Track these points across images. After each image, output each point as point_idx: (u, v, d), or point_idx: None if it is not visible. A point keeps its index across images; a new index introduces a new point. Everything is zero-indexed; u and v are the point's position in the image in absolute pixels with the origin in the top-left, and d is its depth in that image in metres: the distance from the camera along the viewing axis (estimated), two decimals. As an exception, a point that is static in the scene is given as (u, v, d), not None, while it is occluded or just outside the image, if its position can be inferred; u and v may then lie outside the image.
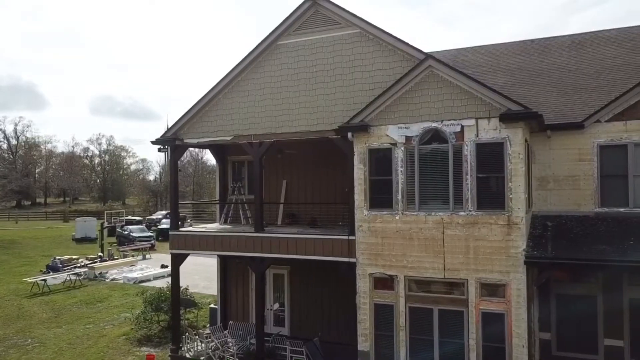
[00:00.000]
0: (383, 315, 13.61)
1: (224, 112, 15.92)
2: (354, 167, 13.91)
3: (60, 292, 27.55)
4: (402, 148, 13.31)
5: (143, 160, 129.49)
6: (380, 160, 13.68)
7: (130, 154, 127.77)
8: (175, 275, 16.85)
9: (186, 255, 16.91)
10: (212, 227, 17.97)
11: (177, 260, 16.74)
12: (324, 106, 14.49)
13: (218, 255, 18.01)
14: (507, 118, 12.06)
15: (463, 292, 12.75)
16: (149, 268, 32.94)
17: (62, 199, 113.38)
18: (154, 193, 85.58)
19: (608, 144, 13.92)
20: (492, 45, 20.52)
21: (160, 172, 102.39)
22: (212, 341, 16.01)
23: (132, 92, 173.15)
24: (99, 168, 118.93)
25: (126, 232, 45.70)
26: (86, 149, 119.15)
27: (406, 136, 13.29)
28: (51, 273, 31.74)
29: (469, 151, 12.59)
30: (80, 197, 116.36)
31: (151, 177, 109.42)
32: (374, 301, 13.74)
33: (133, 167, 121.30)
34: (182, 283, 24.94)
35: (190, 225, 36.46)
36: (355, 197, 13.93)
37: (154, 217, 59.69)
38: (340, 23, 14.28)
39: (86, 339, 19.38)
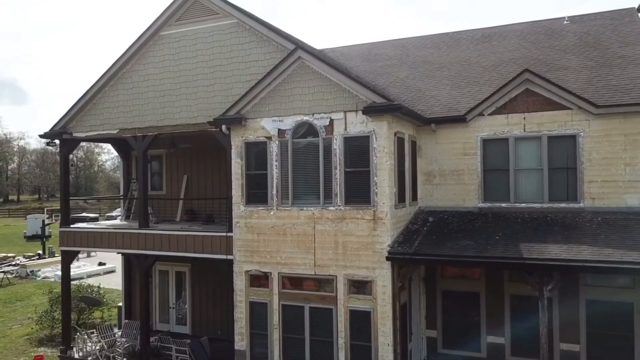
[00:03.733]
0: (258, 313, 13.26)
1: (110, 105, 15.42)
2: (232, 161, 13.52)
3: (-16, 291, 26.86)
4: (277, 142, 12.93)
5: (118, 157, 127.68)
6: (257, 154, 13.29)
7: (105, 150, 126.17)
8: (65, 273, 16.30)
9: (75, 253, 16.40)
10: (106, 223, 17.48)
11: (67, 257, 16.20)
12: (203, 98, 14.07)
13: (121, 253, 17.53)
14: (370, 111, 11.73)
15: (333, 289, 12.43)
16: (86, 266, 32.30)
17: (37, 195, 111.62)
18: (120, 189, 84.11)
19: (491, 138, 13.69)
20: (407, 38, 20.23)
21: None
22: (99, 341, 15.52)
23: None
24: (71, 165, 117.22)
25: (77, 230, 44.74)
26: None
27: (279, 129, 12.91)
28: (-17, 271, 30.95)
29: (337, 145, 12.26)
30: (56, 194, 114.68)
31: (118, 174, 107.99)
32: (249, 299, 13.38)
33: (109, 163, 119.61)
34: (117, 281, 24.39)
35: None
36: (233, 192, 13.54)
37: (114, 213, 58.63)
38: (219, 13, 13.84)
39: (-14, 339, 18.79)
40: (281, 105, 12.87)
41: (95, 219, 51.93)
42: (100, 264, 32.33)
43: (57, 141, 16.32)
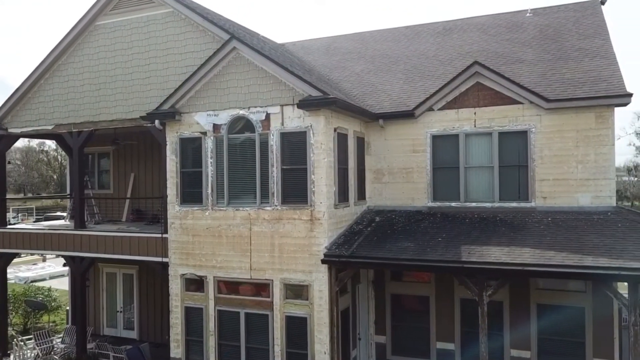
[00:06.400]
0: (194, 319, 12.55)
1: (46, 100, 14.60)
2: (167, 158, 12.78)
3: (-61, 294, 25.81)
4: (212, 137, 12.21)
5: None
6: (193, 150, 12.56)
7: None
8: (1, 277, 15.48)
9: (13, 255, 15.60)
10: (44, 224, 16.68)
11: (2, 261, 15.37)
12: (139, 92, 13.30)
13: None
14: (305, 104, 11.04)
15: (269, 294, 11.73)
16: (50, 267, 31.39)
17: (22, 194, 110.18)
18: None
19: (441, 134, 13.06)
20: (369, 31, 19.53)
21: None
22: (35, 348, 14.73)
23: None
24: (56, 163, 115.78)
25: (49, 229, 43.63)
26: (42, 143, 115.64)
27: (215, 124, 12.19)
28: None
29: (274, 141, 11.55)
30: (42, 192, 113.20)
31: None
32: (185, 304, 12.65)
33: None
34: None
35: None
36: (168, 191, 12.80)
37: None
38: (154, 1, 13.08)
39: None
40: (216, 98, 12.15)
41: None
42: (65, 264, 31.37)
43: (-8, 137, 15.46)
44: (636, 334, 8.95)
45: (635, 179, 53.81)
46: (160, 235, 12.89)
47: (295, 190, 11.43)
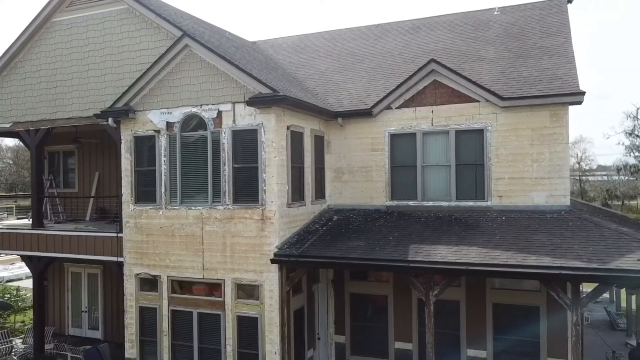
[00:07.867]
0: (148, 319, 12.42)
1: (3, 97, 14.44)
2: (122, 156, 12.64)
3: None
4: (165, 136, 12.07)
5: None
6: (147, 149, 12.43)
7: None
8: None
9: (-28, 255, 15.42)
10: (3, 223, 16.50)
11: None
12: (95, 89, 13.16)
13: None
14: (255, 102, 10.92)
15: (221, 294, 11.61)
16: (28, 266, 31.13)
17: (13, 193, 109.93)
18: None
19: (399, 133, 12.96)
20: (339, 29, 19.42)
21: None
22: (-7, 349, 14.59)
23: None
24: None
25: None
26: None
27: (167, 122, 12.05)
28: None
29: (226, 139, 11.43)
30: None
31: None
32: (139, 304, 12.52)
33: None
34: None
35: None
36: (123, 190, 12.66)
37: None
38: (109, -2, 12.93)
39: None
40: (169, 96, 12.02)
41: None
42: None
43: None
44: (577, 333, 8.89)
45: (625, 178, 53.89)
46: (115, 235, 12.75)
47: (247, 189, 11.32)
